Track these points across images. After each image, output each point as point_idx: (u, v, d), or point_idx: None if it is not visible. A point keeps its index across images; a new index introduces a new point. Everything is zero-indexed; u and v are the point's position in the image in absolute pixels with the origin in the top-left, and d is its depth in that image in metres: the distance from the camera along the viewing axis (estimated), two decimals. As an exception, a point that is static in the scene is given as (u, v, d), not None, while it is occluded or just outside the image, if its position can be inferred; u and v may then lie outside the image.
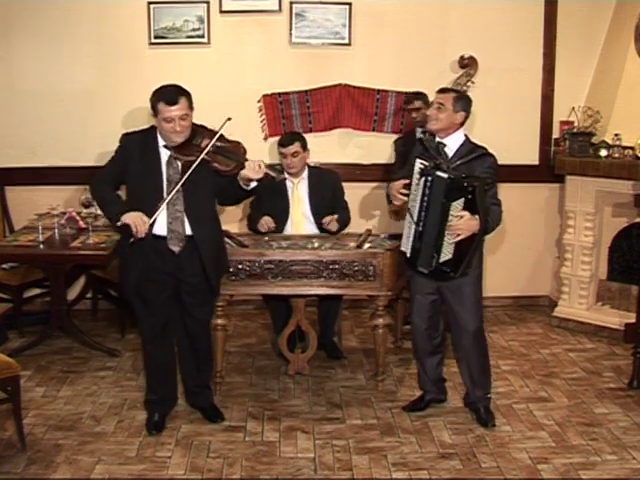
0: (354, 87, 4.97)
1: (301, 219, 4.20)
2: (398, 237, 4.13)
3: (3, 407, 3.29)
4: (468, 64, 4.52)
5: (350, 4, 4.87)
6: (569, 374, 4.10)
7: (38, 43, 4.79)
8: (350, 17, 4.89)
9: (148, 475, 3.03)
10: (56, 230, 4.24)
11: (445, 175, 3.12)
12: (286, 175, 4.20)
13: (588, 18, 4.98)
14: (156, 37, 4.85)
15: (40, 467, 3.06)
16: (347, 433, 3.40)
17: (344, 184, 4.36)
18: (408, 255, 3.35)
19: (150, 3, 4.80)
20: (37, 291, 4.86)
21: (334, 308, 4.25)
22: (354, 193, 4.54)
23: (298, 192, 4.20)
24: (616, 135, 4.58)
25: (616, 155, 4.54)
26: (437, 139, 3.35)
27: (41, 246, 4.07)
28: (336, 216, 4.11)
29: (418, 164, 3.26)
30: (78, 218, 4.44)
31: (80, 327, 4.49)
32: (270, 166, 3.23)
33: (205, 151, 3.11)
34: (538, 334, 4.78)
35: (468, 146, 3.32)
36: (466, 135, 3.36)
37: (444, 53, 4.90)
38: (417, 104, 4.55)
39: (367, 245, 3.95)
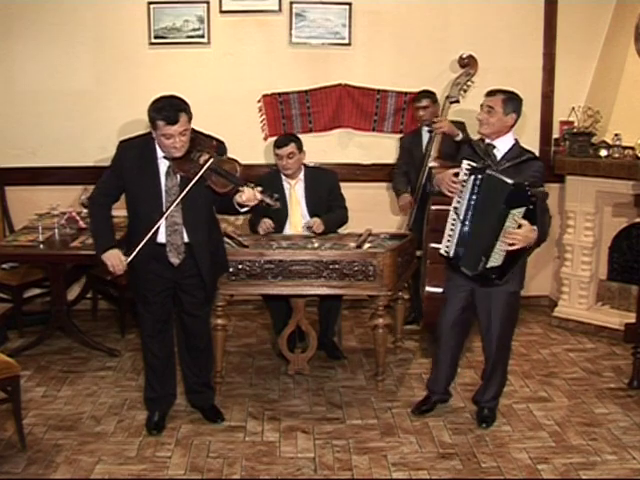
0: (354, 87, 4.97)
1: (299, 220, 4.20)
2: (398, 237, 4.17)
3: (3, 407, 3.29)
4: (468, 63, 4.52)
5: (350, 4, 4.87)
6: (569, 374, 4.10)
7: (38, 43, 4.80)
8: (350, 17, 4.89)
9: (148, 475, 3.04)
10: (56, 230, 4.24)
11: (509, 181, 3.04)
12: (282, 177, 4.20)
13: (588, 18, 4.98)
14: (156, 37, 4.85)
15: (40, 467, 3.06)
16: (347, 433, 3.40)
17: (344, 184, 4.36)
18: (451, 255, 3.28)
19: (150, 3, 4.79)
20: (37, 291, 4.86)
21: (334, 308, 4.25)
22: (354, 193, 4.53)
23: (295, 193, 4.20)
24: (616, 135, 4.58)
25: (616, 155, 4.53)
26: (487, 141, 3.31)
27: (41, 246, 4.07)
28: (318, 220, 4.08)
29: (465, 164, 3.21)
30: (78, 218, 4.44)
31: (80, 327, 4.49)
32: (268, 194, 3.20)
33: (201, 172, 3.07)
34: (538, 334, 4.78)
35: (517, 149, 3.28)
36: (516, 139, 3.32)
37: (444, 53, 4.89)
38: (424, 102, 4.54)
39: (367, 245, 3.95)
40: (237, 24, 4.89)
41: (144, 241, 3.11)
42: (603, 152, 4.59)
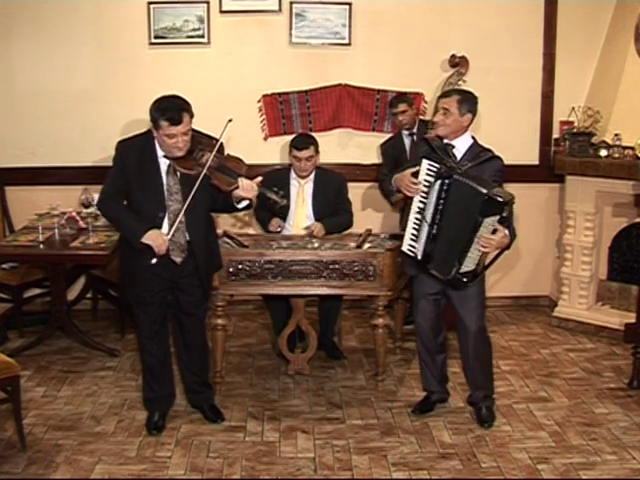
0: (354, 87, 4.97)
1: (303, 219, 4.19)
2: (398, 237, 4.16)
3: (3, 407, 3.29)
4: (459, 63, 4.53)
5: (350, 4, 4.87)
6: (569, 374, 4.10)
7: (38, 43, 4.79)
8: (350, 17, 4.88)
9: (148, 475, 3.04)
10: (56, 230, 4.24)
11: (483, 190, 3.01)
12: (292, 175, 4.20)
13: (588, 18, 4.98)
14: (156, 37, 4.85)
15: (40, 467, 3.06)
16: (347, 433, 3.40)
17: (344, 184, 4.36)
18: (419, 257, 3.26)
19: (150, 3, 4.79)
20: (37, 291, 4.85)
21: (334, 308, 4.25)
22: (354, 193, 4.53)
23: (303, 193, 4.20)
24: (616, 135, 4.58)
25: (616, 155, 4.53)
26: (445, 140, 3.30)
27: (41, 246, 4.06)
28: (319, 225, 4.06)
29: (426, 164, 3.18)
30: (78, 218, 4.44)
31: (80, 327, 4.49)
32: (275, 191, 3.21)
33: (204, 170, 3.08)
34: (538, 334, 4.78)
35: (476, 148, 3.29)
36: (473, 137, 3.33)
37: (444, 53, 4.89)
38: (401, 107, 4.55)
39: (367, 245, 3.95)
40: (237, 24, 4.88)
41: (178, 219, 3.11)
42: (603, 152, 4.59)
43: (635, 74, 4.60)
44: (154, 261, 3.10)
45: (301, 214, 4.19)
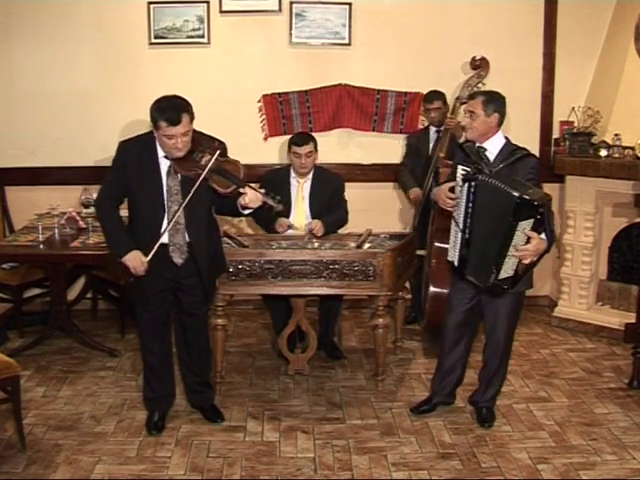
0: (354, 87, 4.97)
1: (302, 218, 4.20)
2: (398, 237, 4.17)
3: (3, 407, 3.29)
4: (480, 65, 4.53)
5: (350, 4, 4.87)
6: (569, 374, 4.10)
7: (38, 43, 4.79)
8: (350, 17, 4.89)
9: (148, 475, 3.04)
10: (56, 230, 4.24)
11: (516, 193, 2.92)
12: (291, 174, 4.21)
13: (588, 18, 4.98)
14: (156, 37, 4.85)
15: (40, 467, 3.06)
16: (347, 433, 3.40)
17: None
18: (456, 263, 3.21)
19: (150, 3, 4.79)
20: (37, 291, 4.85)
21: (334, 308, 4.25)
22: (354, 193, 4.54)
23: (302, 191, 4.21)
24: (616, 135, 4.58)
25: (616, 155, 4.53)
26: (477, 144, 3.26)
27: (41, 246, 4.07)
28: (319, 223, 4.06)
29: (460, 170, 3.15)
30: (78, 218, 4.44)
31: (80, 327, 4.49)
32: (271, 196, 3.19)
33: (204, 174, 3.06)
34: (538, 334, 4.78)
35: (509, 148, 3.24)
36: (506, 137, 3.30)
37: (444, 53, 4.90)
38: (437, 104, 4.55)
39: (367, 245, 3.95)
40: (237, 24, 4.89)
41: (160, 240, 3.12)
42: (603, 152, 4.59)
43: (635, 74, 4.60)
44: (131, 279, 3.22)
45: (300, 213, 4.20)
